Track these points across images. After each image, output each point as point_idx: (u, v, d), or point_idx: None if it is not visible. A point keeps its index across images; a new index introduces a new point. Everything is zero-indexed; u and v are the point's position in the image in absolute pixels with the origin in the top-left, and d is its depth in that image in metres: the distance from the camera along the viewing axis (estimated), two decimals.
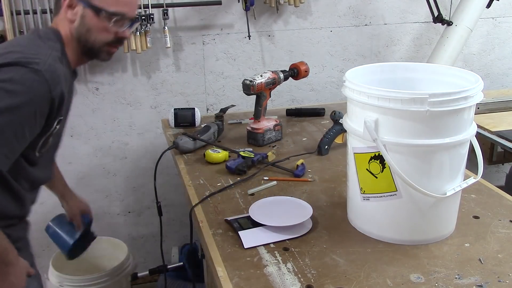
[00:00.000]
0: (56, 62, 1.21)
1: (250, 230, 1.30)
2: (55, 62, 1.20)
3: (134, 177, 2.58)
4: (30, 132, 1.19)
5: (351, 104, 1.26)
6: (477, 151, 1.28)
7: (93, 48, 1.31)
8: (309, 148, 1.83)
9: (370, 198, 1.25)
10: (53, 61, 1.20)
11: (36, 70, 1.15)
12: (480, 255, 1.21)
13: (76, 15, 1.26)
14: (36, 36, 1.27)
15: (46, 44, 1.24)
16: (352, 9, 2.60)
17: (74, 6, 1.27)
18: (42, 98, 1.16)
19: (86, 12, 1.26)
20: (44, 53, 1.20)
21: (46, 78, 1.15)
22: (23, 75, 1.14)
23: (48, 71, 1.16)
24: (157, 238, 2.62)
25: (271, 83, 1.84)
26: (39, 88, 1.15)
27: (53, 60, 1.20)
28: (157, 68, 2.44)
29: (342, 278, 1.13)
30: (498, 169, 3.00)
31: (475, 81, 1.21)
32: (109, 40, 1.31)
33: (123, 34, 1.32)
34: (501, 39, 2.86)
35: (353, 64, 2.66)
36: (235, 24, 2.47)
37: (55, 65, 1.19)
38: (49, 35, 1.27)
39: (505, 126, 2.27)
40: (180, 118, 2.05)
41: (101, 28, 1.28)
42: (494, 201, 1.45)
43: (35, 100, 1.15)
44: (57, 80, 1.18)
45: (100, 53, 1.33)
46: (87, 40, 1.29)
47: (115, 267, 2.23)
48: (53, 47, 1.25)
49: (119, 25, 1.30)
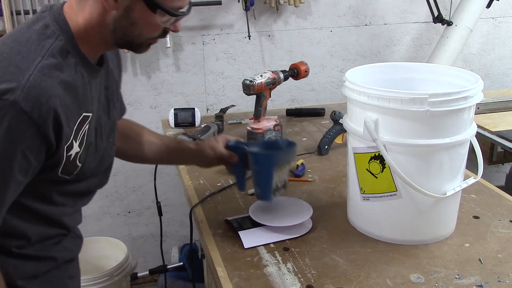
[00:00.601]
0: (47, 72, 0.95)
1: (250, 230, 1.30)
2: (42, 75, 0.94)
3: (134, 177, 2.58)
4: (25, 173, 0.97)
5: (351, 104, 1.26)
6: (477, 151, 1.28)
7: (133, 42, 1.06)
8: (309, 148, 1.83)
9: (370, 198, 1.25)
10: (40, 74, 0.94)
11: (11, 103, 0.89)
12: (480, 255, 1.21)
13: (119, 4, 0.99)
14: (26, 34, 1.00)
15: (38, 45, 0.98)
16: (352, 9, 2.60)
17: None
18: (26, 136, 0.93)
19: (136, 4, 0.99)
20: (27, 66, 0.94)
21: (26, 111, 0.90)
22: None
23: (28, 98, 0.91)
24: (157, 238, 2.62)
25: (271, 83, 1.84)
26: (19, 126, 0.91)
27: (40, 72, 0.94)
28: (157, 68, 2.44)
29: (342, 278, 1.13)
30: (498, 169, 3.00)
31: (475, 81, 1.21)
32: (155, 35, 1.07)
33: (175, 29, 1.09)
34: (501, 39, 2.86)
35: (353, 64, 2.66)
36: (235, 24, 2.47)
37: (40, 82, 0.93)
38: (48, 27, 1.01)
39: (505, 126, 2.27)
40: (180, 118, 2.05)
41: (151, 24, 1.03)
42: (494, 201, 1.45)
43: (17, 141, 0.93)
44: (44, 103, 0.93)
45: (140, 47, 1.09)
46: (127, 34, 1.04)
47: (115, 267, 2.23)
48: (48, 47, 0.98)
49: (173, 20, 1.06)
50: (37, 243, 1.10)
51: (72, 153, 1.04)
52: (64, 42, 1.00)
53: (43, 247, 1.12)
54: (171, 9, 1.01)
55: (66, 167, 1.04)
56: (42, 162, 0.99)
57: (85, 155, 1.08)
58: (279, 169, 1.30)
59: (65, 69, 0.99)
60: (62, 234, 1.17)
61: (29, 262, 1.10)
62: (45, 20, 1.01)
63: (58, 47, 0.99)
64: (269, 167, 1.28)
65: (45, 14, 1.02)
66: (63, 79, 0.98)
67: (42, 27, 1.00)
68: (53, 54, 0.97)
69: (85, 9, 1.01)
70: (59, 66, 0.98)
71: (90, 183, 1.17)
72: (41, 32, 0.99)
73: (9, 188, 0.96)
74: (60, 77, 0.97)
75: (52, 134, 0.96)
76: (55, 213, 1.11)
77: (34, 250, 1.10)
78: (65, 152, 1.02)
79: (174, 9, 1.01)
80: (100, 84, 1.12)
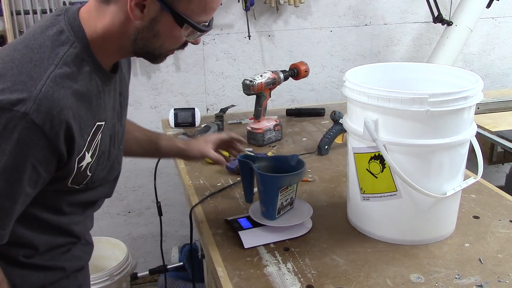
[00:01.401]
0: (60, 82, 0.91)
1: (250, 230, 1.29)
2: (55, 85, 0.90)
3: (134, 177, 2.58)
4: (34, 186, 0.95)
5: (351, 104, 1.26)
6: (477, 151, 1.28)
7: (152, 53, 1.03)
8: (309, 148, 1.83)
9: (370, 198, 1.25)
10: (52, 84, 0.90)
11: (22, 115, 0.86)
12: (480, 255, 1.21)
13: (145, 14, 0.95)
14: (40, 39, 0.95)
15: (52, 52, 0.93)
16: (352, 9, 2.60)
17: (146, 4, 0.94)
18: (37, 149, 0.90)
19: (162, 17, 0.95)
20: (39, 76, 0.90)
21: (37, 123, 0.87)
22: (6, 124, 0.86)
23: (40, 110, 0.87)
24: (157, 238, 2.62)
25: (271, 83, 1.84)
26: (29, 139, 0.88)
27: (53, 82, 0.90)
28: (157, 68, 2.44)
29: (342, 278, 1.13)
30: (498, 169, 3.00)
31: (475, 81, 1.21)
32: (175, 47, 1.05)
33: (195, 42, 1.06)
34: (501, 39, 2.86)
35: (353, 64, 2.66)
36: (235, 24, 2.47)
37: (53, 93, 0.89)
38: (62, 33, 0.96)
39: (505, 126, 2.27)
40: (180, 118, 2.05)
41: (174, 37, 1.00)
42: (494, 201, 1.45)
43: (27, 154, 0.90)
44: (56, 115, 0.89)
45: (158, 58, 1.06)
46: (148, 46, 1.00)
47: (115, 267, 2.23)
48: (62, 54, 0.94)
49: (197, 35, 1.04)
50: (45, 253, 1.08)
51: (84, 164, 1.01)
52: (79, 49, 0.96)
53: (51, 257, 1.09)
54: (197, 23, 0.98)
55: (76, 177, 1.02)
56: (52, 174, 0.96)
57: (96, 165, 1.05)
58: (286, 189, 1.29)
59: (79, 78, 0.95)
60: (72, 242, 1.14)
61: (36, 272, 1.08)
62: (59, 25, 0.96)
63: (72, 55, 0.95)
64: (274, 189, 1.26)
65: (60, 19, 0.97)
66: (76, 89, 0.94)
67: (57, 32, 0.96)
68: (67, 62, 0.93)
69: (105, 16, 0.96)
70: (72, 75, 0.94)
71: (100, 192, 1.14)
72: (55, 38, 0.95)
73: (17, 201, 0.93)
74: (73, 87, 0.93)
75: (64, 147, 0.93)
76: (64, 222, 1.09)
77: (42, 260, 1.08)
78: (76, 164, 0.99)
79: (199, 24, 0.99)
80: (114, 90, 1.09)
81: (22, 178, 0.91)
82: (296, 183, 1.31)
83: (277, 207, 1.28)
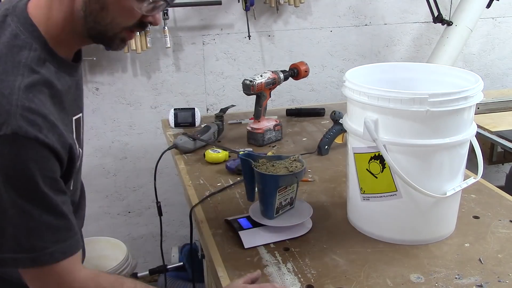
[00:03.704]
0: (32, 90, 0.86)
1: (250, 230, 1.29)
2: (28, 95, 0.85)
3: (134, 177, 2.58)
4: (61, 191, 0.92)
5: (351, 104, 1.26)
6: (477, 151, 1.28)
7: (105, 33, 0.93)
8: (309, 148, 1.83)
9: (370, 198, 1.25)
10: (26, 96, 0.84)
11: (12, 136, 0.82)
12: (480, 255, 1.21)
13: None
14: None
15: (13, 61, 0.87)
16: (352, 9, 2.60)
17: None
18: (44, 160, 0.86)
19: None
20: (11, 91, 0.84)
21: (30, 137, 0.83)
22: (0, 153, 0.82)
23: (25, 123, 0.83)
24: (157, 238, 2.62)
25: (271, 83, 1.84)
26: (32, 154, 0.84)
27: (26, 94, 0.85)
28: (157, 68, 2.44)
29: (342, 278, 1.13)
30: (498, 169, 3.00)
31: (475, 81, 1.21)
32: (130, 25, 0.94)
33: (154, 20, 0.95)
34: (501, 39, 2.86)
35: (353, 64, 2.66)
36: (235, 24, 2.47)
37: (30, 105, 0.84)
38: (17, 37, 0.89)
39: (505, 126, 2.27)
40: (180, 118, 2.05)
41: (124, 8, 0.90)
42: (494, 201, 1.45)
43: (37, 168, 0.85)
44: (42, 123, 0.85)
45: (113, 40, 0.96)
46: (99, 22, 0.91)
47: (115, 267, 2.23)
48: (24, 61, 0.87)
49: (151, 7, 0.92)
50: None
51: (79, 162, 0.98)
52: (39, 50, 0.90)
53: None
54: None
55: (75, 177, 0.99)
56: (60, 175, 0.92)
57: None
58: (285, 189, 1.28)
59: (48, 81, 0.90)
60: None
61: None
62: (11, 28, 0.90)
63: (34, 58, 0.89)
64: (272, 188, 1.26)
65: (8, 21, 0.90)
66: (49, 93, 0.89)
67: (11, 37, 0.89)
68: (31, 68, 0.88)
69: (54, 2, 0.91)
70: (41, 80, 0.89)
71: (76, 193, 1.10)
72: (11, 44, 0.88)
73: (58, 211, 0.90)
74: (45, 91, 0.89)
75: (62, 151, 0.90)
76: None
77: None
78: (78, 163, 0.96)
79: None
80: (80, 78, 1.07)
81: (46, 193, 0.88)
82: (295, 183, 1.31)
83: (275, 207, 1.28)
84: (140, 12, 0.92)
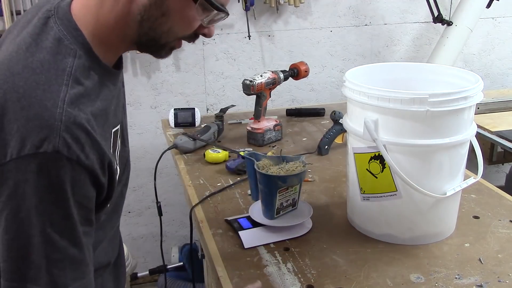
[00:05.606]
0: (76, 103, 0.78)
1: (250, 230, 1.29)
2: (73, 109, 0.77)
3: (134, 177, 2.58)
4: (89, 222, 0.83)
5: (351, 104, 1.26)
6: (477, 151, 1.28)
7: (158, 40, 0.87)
8: (309, 148, 1.83)
9: (370, 198, 1.25)
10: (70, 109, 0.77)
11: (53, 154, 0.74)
12: (480, 255, 1.21)
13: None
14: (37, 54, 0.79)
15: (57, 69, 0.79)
16: (352, 9, 2.60)
17: None
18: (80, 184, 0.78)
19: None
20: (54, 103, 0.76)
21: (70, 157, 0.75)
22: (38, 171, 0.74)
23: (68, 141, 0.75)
24: (157, 238, 2.62)
25: (271, 83, 1.84)
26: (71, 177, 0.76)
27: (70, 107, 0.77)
28: (157, 68, 2.44)
29: (342, 278, 1.13)
30: (498, 169, 3.00)
31: (475, 81, 1.21)
32: (186, 34, 0.89)
33: (209, 32, 0.91)
34: (501, 39, 2.86)
35: (353, 64, 2.66)
36: (235, 24, 2.47)
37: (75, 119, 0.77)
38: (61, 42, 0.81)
39: (505, 126, 2.27)
40: (180, 118, 2.05)
41: (186, 18, 0.86)
42: (494, 201, 1.45)
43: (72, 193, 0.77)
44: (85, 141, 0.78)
45: (163, 49, 0.90)
46: (155, 29, 0.85)
47: None
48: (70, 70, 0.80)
49: (210, 19, 0.88)
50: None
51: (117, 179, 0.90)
52: (84, 58, 0.82)
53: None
54: (215, 1, 0.84)
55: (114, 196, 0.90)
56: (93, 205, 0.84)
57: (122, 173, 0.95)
58: (286, 190, 1.28)
59: (93, 93, 0.82)
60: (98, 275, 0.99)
61: None
62: (54, 32, 0.82)
63: (79, 67, 0.81)
64: (272, 188, 1.26)
65: (51, 23, 0.83)
66: (93, 106, 0.81)
67: (54, 42, 0.81)
68: (76, 79, 0.80)
69: (105, 2, 0.83)
70: (86, 92, 0.81)
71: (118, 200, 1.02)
72: (55, 50, 0.80)
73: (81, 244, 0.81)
74: (90, 105, 0.81)
75: (100, 172, 0.81)
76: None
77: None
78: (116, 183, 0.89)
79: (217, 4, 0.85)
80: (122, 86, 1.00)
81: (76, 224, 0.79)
82: (297, 184, 1.30)
83: (275, 207, 1.28)
84: (201, 23, 0.88)
